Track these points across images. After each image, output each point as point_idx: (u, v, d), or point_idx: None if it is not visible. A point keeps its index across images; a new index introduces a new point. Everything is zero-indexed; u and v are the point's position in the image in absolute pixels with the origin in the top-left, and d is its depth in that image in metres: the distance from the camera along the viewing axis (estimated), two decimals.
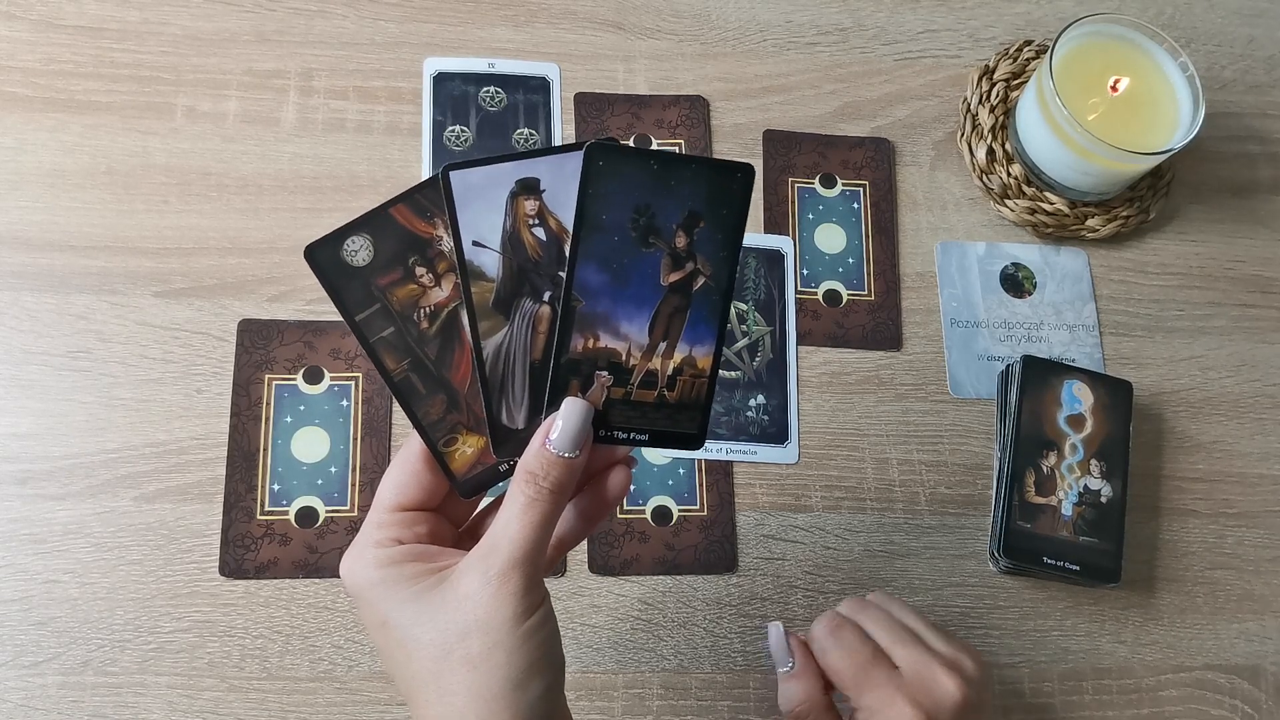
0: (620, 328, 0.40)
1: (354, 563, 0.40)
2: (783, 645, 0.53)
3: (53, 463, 0.59)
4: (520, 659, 0.38)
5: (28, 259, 0.63)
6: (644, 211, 0.39)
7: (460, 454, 0.41)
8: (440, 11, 0.72)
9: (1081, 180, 0.71)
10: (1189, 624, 0.66)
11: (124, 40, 0.68)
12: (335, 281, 0.40)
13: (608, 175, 0.39)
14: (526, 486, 0.39)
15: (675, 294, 0.40)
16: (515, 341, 0.40)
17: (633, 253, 0.40)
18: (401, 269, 0.40)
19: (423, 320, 0.40)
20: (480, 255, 0.39)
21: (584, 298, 0.40)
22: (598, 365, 0.40)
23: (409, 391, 0.41)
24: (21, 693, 0.56)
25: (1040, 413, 0.65)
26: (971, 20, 0.79)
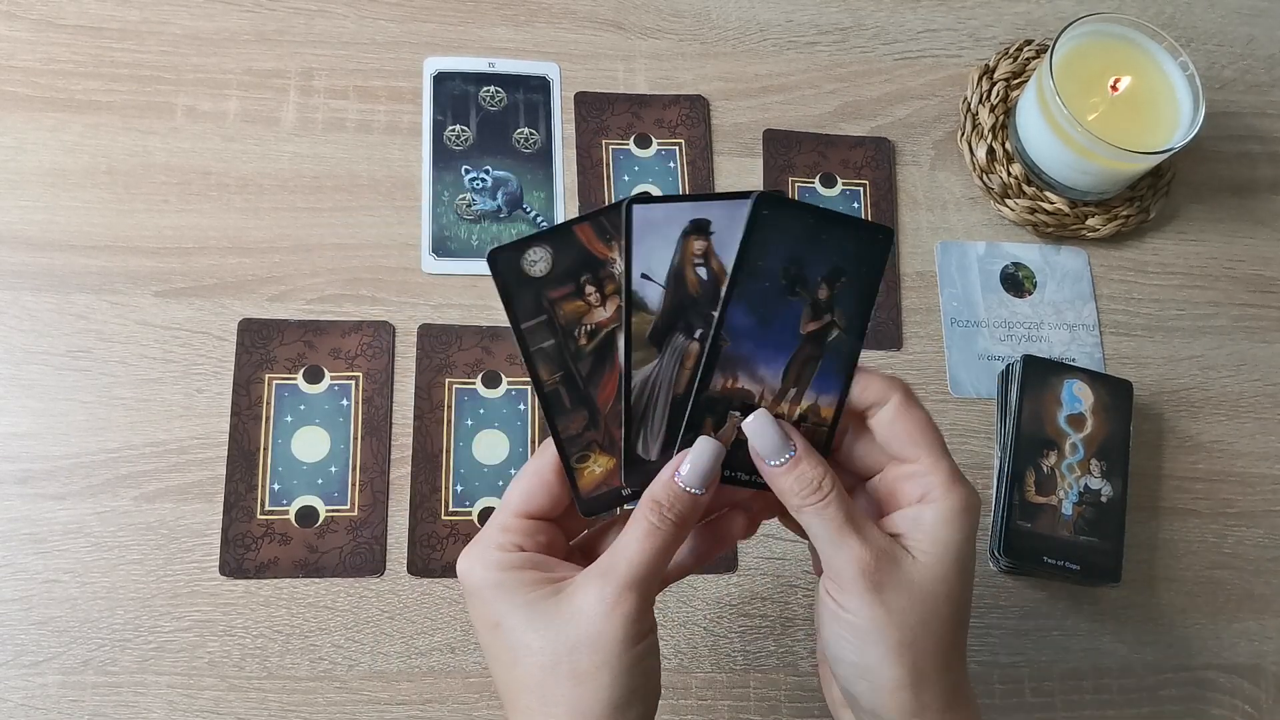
0: (758, 371, 0.41)
1: (474, 561, 0.41)
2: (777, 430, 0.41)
3: (53, 462, 0.59)
4: (625, 682, 0.39)
5: (28, 259, 0.63)
6: (795, 262, 0.41)
7: (589, 472, 0.42)
8: (440, 11, 0.72)
9: (1081, 180, 0.71)
10: (1189, 623, 0.66)
11: (124, 40, 0.68)
12: (511, 288, 0.40)
13: (770, 224, 0.41)
14: (651, 514, 0.40)
15: (810, 343, 0.42)
16: (663, 374, 0.42)
17: (779, 300, 0.41)
18: (573, 285, 0.41)
19: (582, 337, 0.41)
20: (646, 288, 0.41)
21: (731, 338, 0.41)
22: (732, 405, 0.42)
23: (555, 403, 0.42)
24: (22, 692, 0.56)
25: (1040, 412, 0.65)
26: (971, 20, 0.79)
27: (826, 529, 0.40)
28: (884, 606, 0.40)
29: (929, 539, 0.41)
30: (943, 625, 0.41)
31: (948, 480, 0.41)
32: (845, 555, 0.40)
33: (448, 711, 0.58)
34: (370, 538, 0.61)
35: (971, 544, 0.42)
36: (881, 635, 0.40)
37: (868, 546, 0.40)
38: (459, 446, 0.63)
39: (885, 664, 0.40)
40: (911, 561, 0.40)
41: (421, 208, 0.67)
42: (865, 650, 0.40)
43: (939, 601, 0.40)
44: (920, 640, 0.40)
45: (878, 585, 0.40)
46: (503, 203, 0.68)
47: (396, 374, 0.64)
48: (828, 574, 0.41)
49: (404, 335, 0.64)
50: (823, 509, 0.40)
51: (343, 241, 0.66)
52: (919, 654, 0.40)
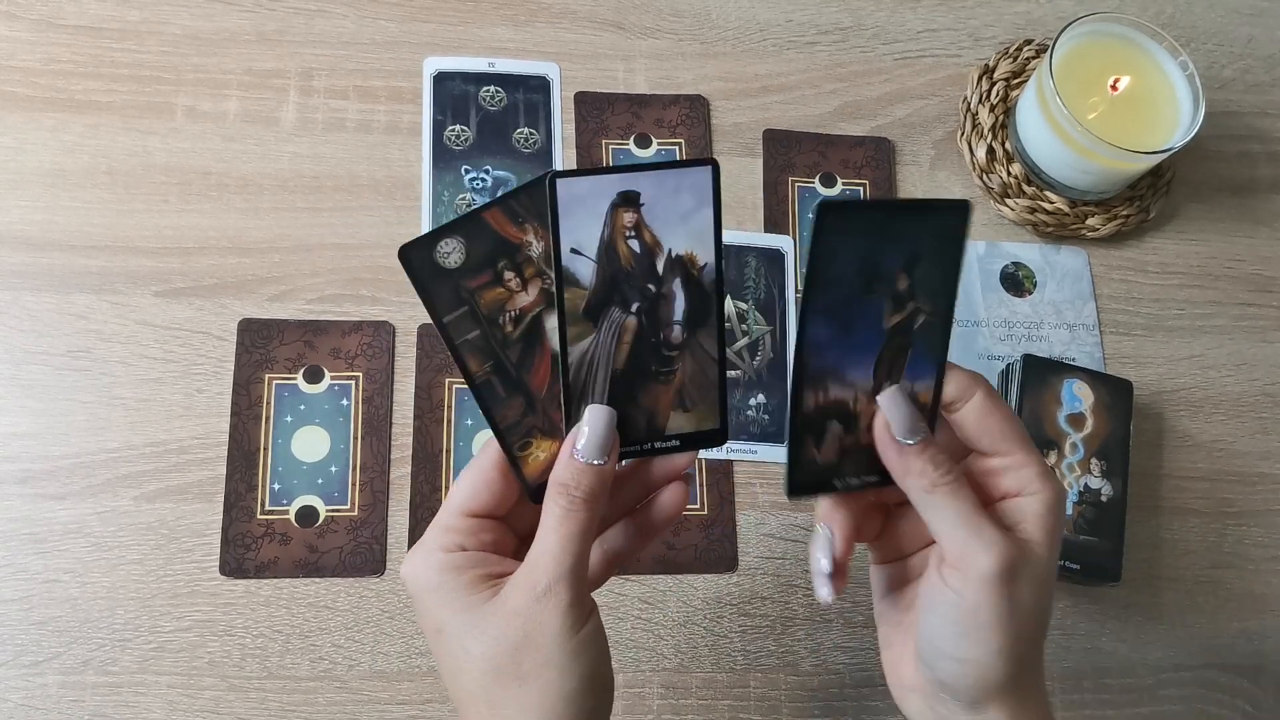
0: (847, 376, 0.41)
1: (417, 564, 0.41)
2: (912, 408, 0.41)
3: (53, 462, 0.59)
4: (571, 675, 0.38)
5: (28, 259, 0.63)
6: (868, 260, 0.40)
7: (534, 459, 0.42)
8: (440, 11, 0.72)
9: (1081, 179, 0.71)
10: (1190, 623, 0.66)
11: (124, 40, 0.68)
12: (426, 283, 0.40)
13: (837, 231, 0.39)
14: (560, 498, 0.39)
15: (897, 335, 0.41)
16: (600, 349, 0.41)
17: (857, 302, 0.40)
18: (491, 273, 0.40)
19: (507, 324, 0.41)
20: (576, 263, 0.40)
21: (814, 354, 0.40)
22: (828, 418, 0.41)
23: (489, 394, 0.41)
24: (22, 692, 0.56)
25: (1040, 412, 0.65)
26: (971, 20, 0.79)
27: (961, 512, 0.39)
28: (1011, 599, 0.39)
29: (1040, 529, 0.40)
30: (1047, 617, 0.41)
31: (1045, 473, 0.41)
32: (982, 542, 0.39)
33: (448, 712, 0.58)
34: (370, 538, 0.61)
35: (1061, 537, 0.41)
36: (1004, 629, 0.39)
37: (1005, 536, 0.39)
38: (459, 446, 0.63)
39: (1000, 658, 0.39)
40: (1034, 554, 0.39)
41: (421, 208, 0.67)
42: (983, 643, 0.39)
43: (1049, 594, 0.40)
44: (1031, 634, 0.40)
45: (1013, 576, 0.39)
46: None
47: (396, 374, 0.64)
48: (953, 562, 0.39)
49: (404, 335, 0.64)
50: (957, 489, 0.39)
51: (343, 241, 0.66)
52: (1027, 647, 0.40)
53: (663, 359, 0.42)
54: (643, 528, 0.44)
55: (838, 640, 0.63)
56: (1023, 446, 0.41)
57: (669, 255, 0.41)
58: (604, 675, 0.40)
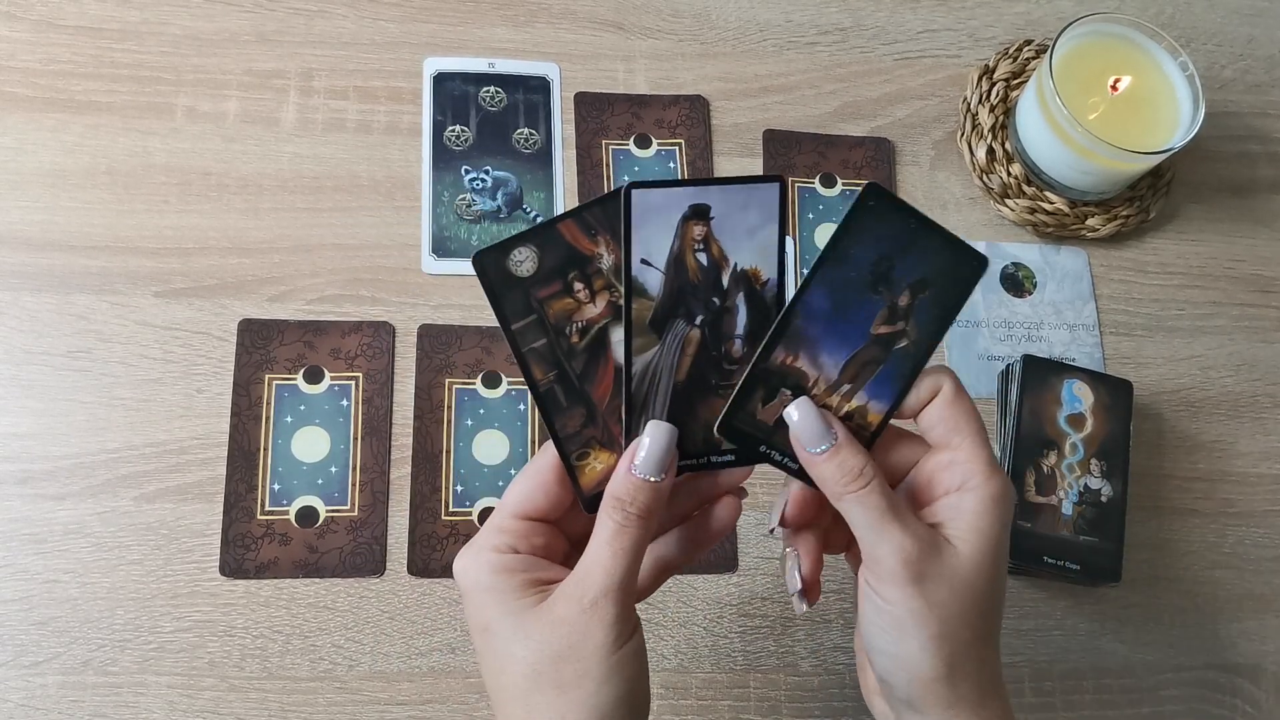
0: (819, 357, 0.41)
1: (470, 562, 0.41)
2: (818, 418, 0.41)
3: (53, 463, 0.59)
4: (609, 690, 0.39)
5: (28, 259, 0.63)
6: (885, 261, 0.41)
7: (590, 469, 0.42)
8: (440, 11, 0.72)
9: (1081, 180, 0.71)
10: (1189, 623, 0.66)
11: (124, 40, 0.68)
12: (498, 289, 0.40)
13: (872, 216, 0.41)
14: (614, 513, 0.40)
15: (877, 345, 0.41)
16: (663, 361, 0.42)
17: (860, 293, 0.41)
18: (561, 283, 0.41)
19: (574, 334, 0.41)
20: (645, 273, 0.41)
21: (804, 316, 0.41)
22: (785, 383, 0.41)
23: (551, 402, 0.41)
24: (22, 693, 0.56)
25: (1040, 412, 0.65)
26: (971, 20, 0.79)
27: (868, 517, 0.40)
28: (924, 598, 0.39)
29: (969, 527, 0.40)
30: (980, 616, 0.40)
31: (987, 468, 0.41)
32: (887, 545, 0.39)
33: (448, 711, 0.58)
34: (370, 538, 0.61)
35: (1007, 533, 0.41)
36: (921, 627, 0.39)
37: (909, 536, 0.39)
38: (459, 447, 0.63)
39: (923, 655, 0.40)
40: (952, 551, 0.40)
41: (421, 208, 0.67)
42: (903, 641, 0.40)
43: (977, 592, 0.40)
44: (958, 632, 0.40)
45: (919, 576, 0.39)
46: (503, 203, 0.68)
47: (396, 374, 0.64)
48: (867, 564, 0.40)
49: (404, 335, 0.64)
50: (864, 496, 0.40)
51: (343, 242, 0.66)
52: (956, 646, 0.40)
53: (723, 372, 0.42)
54: (694, 538, 0.44)
55: (838, 640, 0.63)
56: (974, 439, 0.41)
57: (734, 269, 0.41)
58: (641, 692, 0.41)
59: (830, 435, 0.41)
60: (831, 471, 0.40)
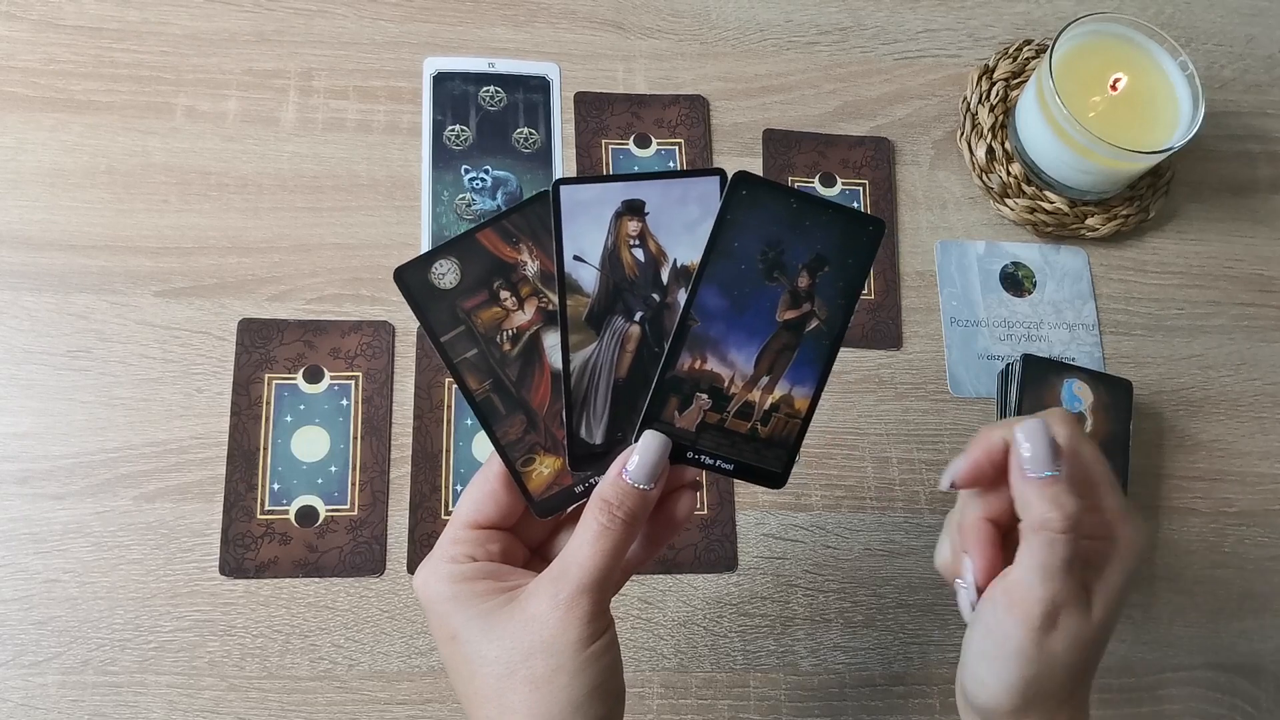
0: (729, 355, 0.41)
1: (428, 575, 0.41)
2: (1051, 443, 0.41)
3: (53, 462, 0.59)
4: (582, 683, 0.39)
5: (28, 259, 0.63)
6: (774, 246, 0.40)
7: (537, 474, 0.42)
8: (440, 11, 0.72)
9: (1081, 179, 0.71)
10: (1189, 622, 0.66)
11: (124, 40, 0.68)
12: (422, 303, 0.41)
13: (747, 205, 0.40)
14: (600, 514, 0.40)
15: (787, 331, 0.41)
16: (602, 358, 0.41)
17: (755, 284, 0.40)
18: (486, 292, 0.41)
19: (505, 342, 0.41)
20: (579, 270, 0.41)
21: (701, 319, 0.41)
22: (699, 387, 0.41)
23: (490, 411, 0.42)
24: (22, 692, 0.56)
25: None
26: (971, 20, 0.79)
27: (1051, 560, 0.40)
28: (1040, 646, 0.40)
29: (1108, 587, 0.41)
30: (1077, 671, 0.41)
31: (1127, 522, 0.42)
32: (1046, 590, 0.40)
33: (448, 711, 0.58)
34: (370, 537, 0.61)
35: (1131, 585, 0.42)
36: (1020, 667, 0.40)
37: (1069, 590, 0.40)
38: (459, 446, 0.63)
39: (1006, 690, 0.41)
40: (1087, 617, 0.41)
41: (421, 208, 0.67)
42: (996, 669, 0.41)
43: (1089, 652, 0.41)
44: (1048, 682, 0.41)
45: (1051, 626, 0.40)
46: (502, 203, 0.68)
47: (396, 374, 0.64)
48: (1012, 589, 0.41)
49: (404, 335, 0.64)
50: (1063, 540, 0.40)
51: (343, 241, 0.66)
52: (1039, 692, 0.41)
53: None
54: (653, 535, 0.44)
55: (837, 640, 0.63)
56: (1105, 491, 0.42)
57: (674, 265, 0.41)
58: (615, 686, 0.41)
59: (1057, 464, 0.41)
60: (1044, 501, 0.40)
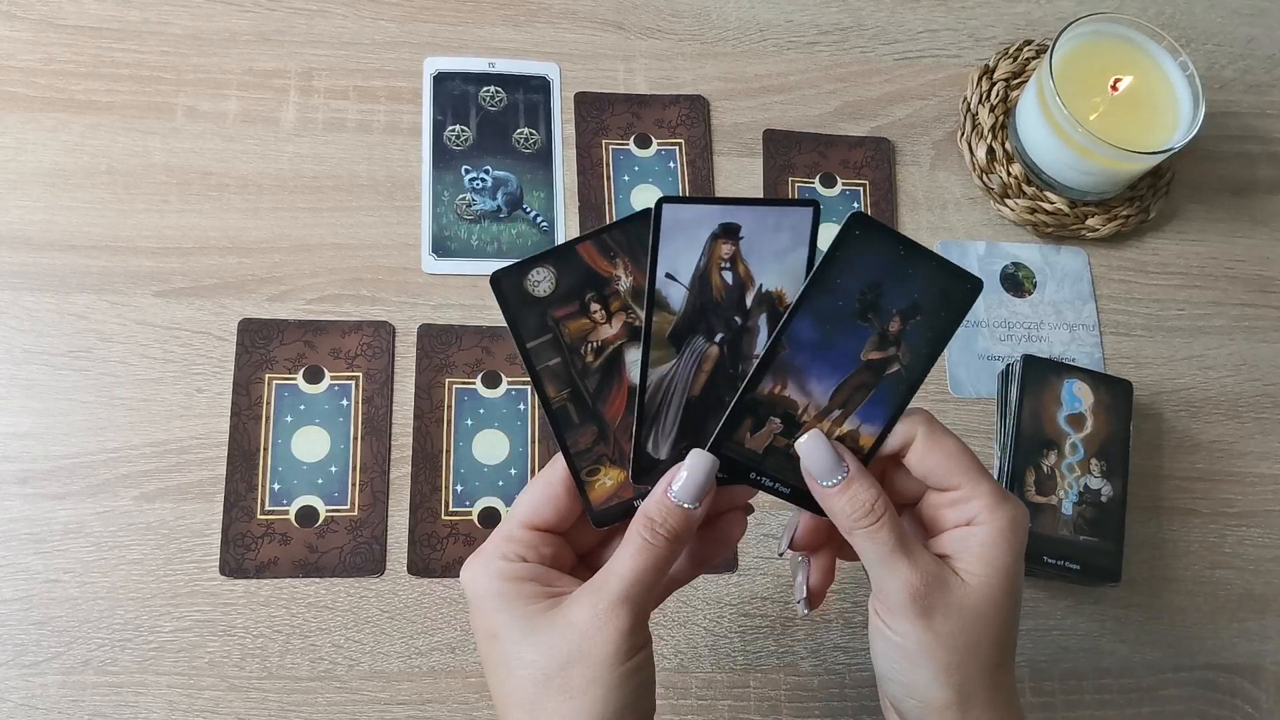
0: (808, 384, 0.42)
1: (478, 569, 0.41)
2: (830, 451, 0.42)
3: (53, 462, 0.59)
4: (616, 698, 0.39)
5: (28, 259, 0.63)
6: (874, 289, 0.41)
7: (600, 485, 0.43)
8: (440, 11, 0.72)
9: (1081, 180, 0.71)
10: (1189, 623, 0.66)
11: (124, 40, 0.68)
12: (515, 309, 0.41)
13: (858, 245, 0.41)
14: (644, 530, 0.40)
15: (868, 370, 0.42)
16: (679, 375, 0.42)
17: (848, 322, 0.41)
18: (578, 303, 0.41)
19: (589, 354, 0.42)
20: (669, 287, 0.41)
21: (790, 346, 0.41)
22: (774, 411, 0.42)
23: (564, 419, 0.42)
24: (22, 692, 0.56)
25: (1040, 412, 0.65)
26: (971, 20, 0.79)
27: (878, 552, 0.40)
28: (931, 631, 0.40)
29: (978, 559, 0.41)
30: (991, 645, 0.41)
31: (992, 502, 0.41)
32: (895, 580, 0.40)
33: (447, 712, 0.58)
34: (370, 538, 0.61)
35: (1020, 561, 0.42)
36: (929, 658, 0.40)
37: (917, 571, 0.40)
38: (459, 446, 0.63)
39: (933, 685, 0.40)
40: (960, 585, 0.41)
41: (421, 208, 0.67)
42: (913, 671, 0.41)
43: (987, 623, 0.41)
44: (967, 662, 0.40)
45: (926, 610, 0.40)
46: (503, 203, 0.68)
47: (396, 374, 0.64)
48: (877, 595, 0.41)
49: (404, 335, 0.64)
50: (874, 532, 0.41)
51: (343, 241, 0.66)
52: (966, 676, 0.40)
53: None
54: (700, 552, 0.45)
55: (838, 640, 0.63)
56: (970, 478, 0.42)
57: (759, 290, 0.42)
58: (646, 705, 0.41)
59: (841, 468, 0.41)
60: (843, 505, 0.41)
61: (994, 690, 0.41)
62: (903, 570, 0.40)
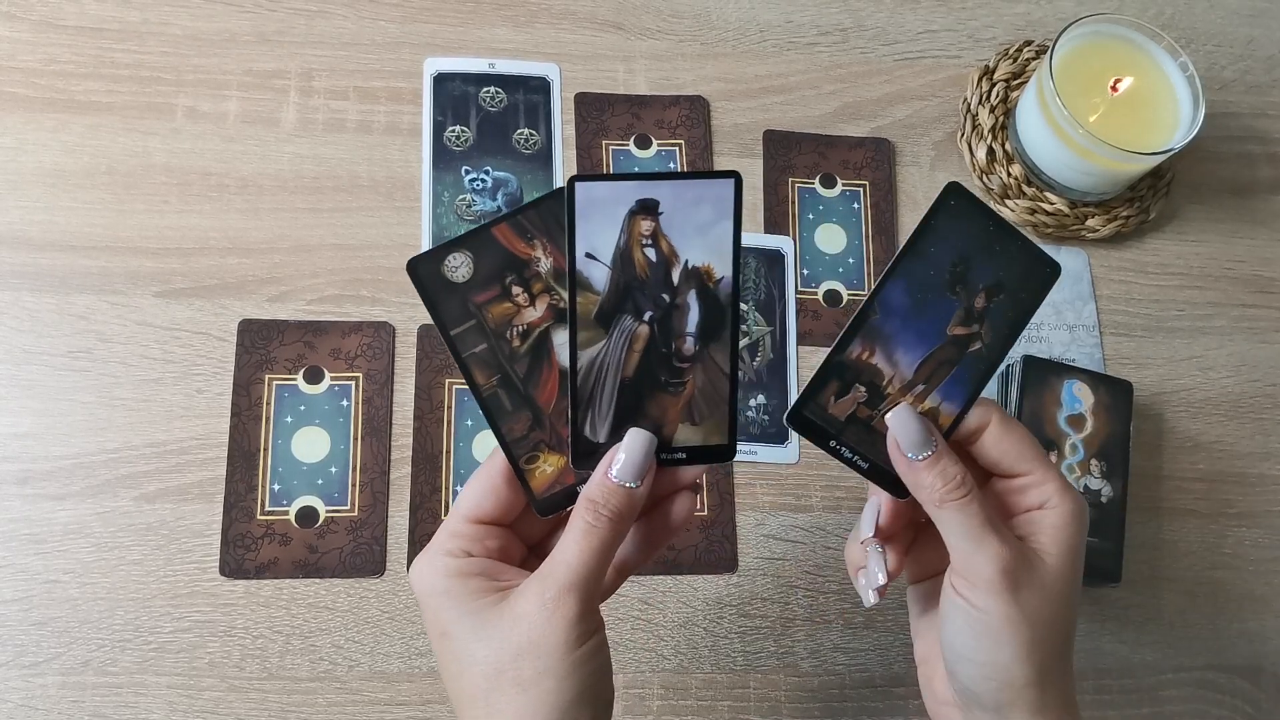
0: (895, 354, 0.42)
1: (424, 567, 0.41)
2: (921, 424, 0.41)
3: (53, 463, 0.59)
4: (569, 687, 0.39)
5: (28, 259, 0.63)
6: (964, 261, 0.41)
7: (540, 472, 0.42)
8: (440, 11, 0.72)
9: (1081, 180, 0.71)
10: (1189, 624, 0.66)
11: (124, 40, 0.68)
12: (434, 296, 0.41)
13: (952, 216, 0.41)
14: (587, 513, 0.40)
15: (952, 346, 0.42)
16: (610, 356, 0.41)
17: (937, 292, 0.41)
18: (499, 287, 0.41)
19: (515, 339, 0.41)
20: (591, 267, 0.40)
21: (881, 311, 0.41)
22: (860, 378, 0.42)
23: (496, 407, 0.42)
24: (22, 693, 0.56)
25: (1040, 413, 0.65)
26: (971, 20, 0.79)
27: (968, 525, 0.40)
28: (1019, 606, 0.40)
29: (1053, 540, 0.41)
30: (1065, 625, 0.41)
31: (1063, 487, 0.42)
32: (984, 554, 0.40)
33: (447, 712, 0.58)
34: (370, 538, 0.61)
35: (1084, 547, 0.42)
36: (1016, 633, 0.40)
37: (1007, 546, 0.40)
38: (459, 447, 0.63)
39: (1015, 663, 0.40)
40: (1041, 563, 0.41)
41: (421, 208, 0.67)
42: (996, 649, 0.41)
43: (1063, 603, 0.41)
44: (1047, 640, 0.41)
45: (1015, 585, 0.40)
46: (503, 203, 0.68)
47: (396, 374, 0.64)
48: (960, 571, 0.41)
49: (404, 336, 0.64)
50: (966, 504, 0.41)
51: (343, 242, 0.66)
52: (1046, 653, 0.41)
53: (673, 370, 0.42)
54: (650, 537, 0.44)
55: (838, 641, 0.63)
56: (1041, 464, 0.42)
57: (685, 266, 0.41)
58: (603, 690, 0.41)
59: (931, 442, 0.41)
60: (933, 479, 0.41)
61: (1064, 674, 0.42)
62: (993, 544, 0.40)
